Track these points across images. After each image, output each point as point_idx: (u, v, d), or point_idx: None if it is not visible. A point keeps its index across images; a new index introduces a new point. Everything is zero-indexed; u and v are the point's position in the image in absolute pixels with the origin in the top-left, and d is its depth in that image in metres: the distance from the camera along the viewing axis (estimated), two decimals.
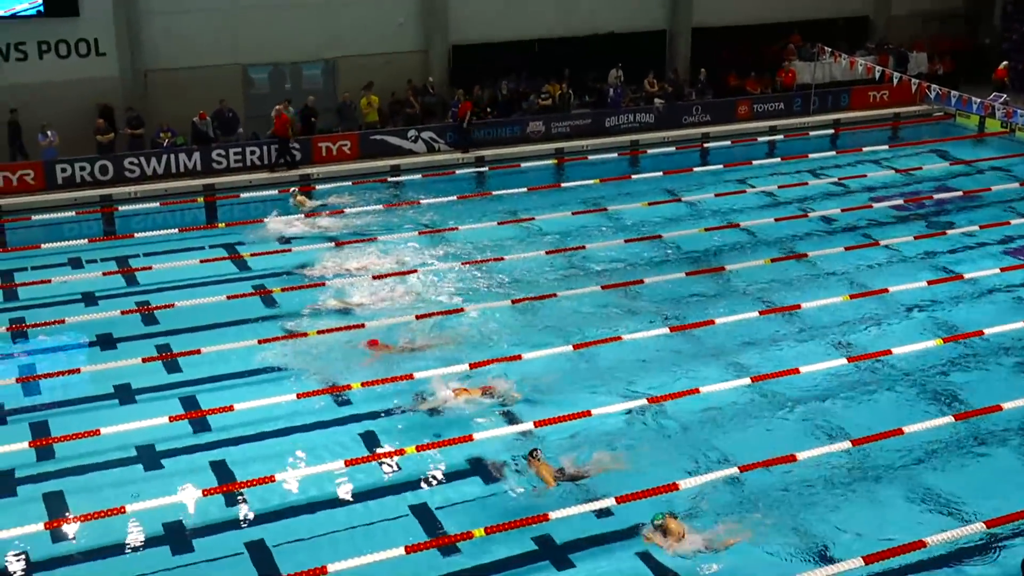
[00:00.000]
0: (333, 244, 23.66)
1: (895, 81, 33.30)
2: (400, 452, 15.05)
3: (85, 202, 26.63)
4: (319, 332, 18.82)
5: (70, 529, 13.55)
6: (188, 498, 14.20)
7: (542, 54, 33.88)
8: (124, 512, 13.57)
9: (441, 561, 12.87)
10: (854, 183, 28.47)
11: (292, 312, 19.95)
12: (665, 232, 24.47)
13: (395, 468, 14.90)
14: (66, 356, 18.51)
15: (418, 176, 28.98)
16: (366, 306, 20.15)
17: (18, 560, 12.95)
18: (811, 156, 30.77)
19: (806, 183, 28.53)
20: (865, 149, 31.37)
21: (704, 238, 24.18)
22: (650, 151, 31.45)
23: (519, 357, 17.74)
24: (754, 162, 30.41)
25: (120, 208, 26.50)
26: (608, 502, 13.70)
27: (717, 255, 23.17)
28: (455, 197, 27.03)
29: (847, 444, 15.18)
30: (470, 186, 28.85)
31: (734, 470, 14.45)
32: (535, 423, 15.65)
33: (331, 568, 12.32)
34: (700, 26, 35.73)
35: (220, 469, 14.89)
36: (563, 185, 28.54)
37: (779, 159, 30.99)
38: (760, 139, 32.70)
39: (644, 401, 16.42)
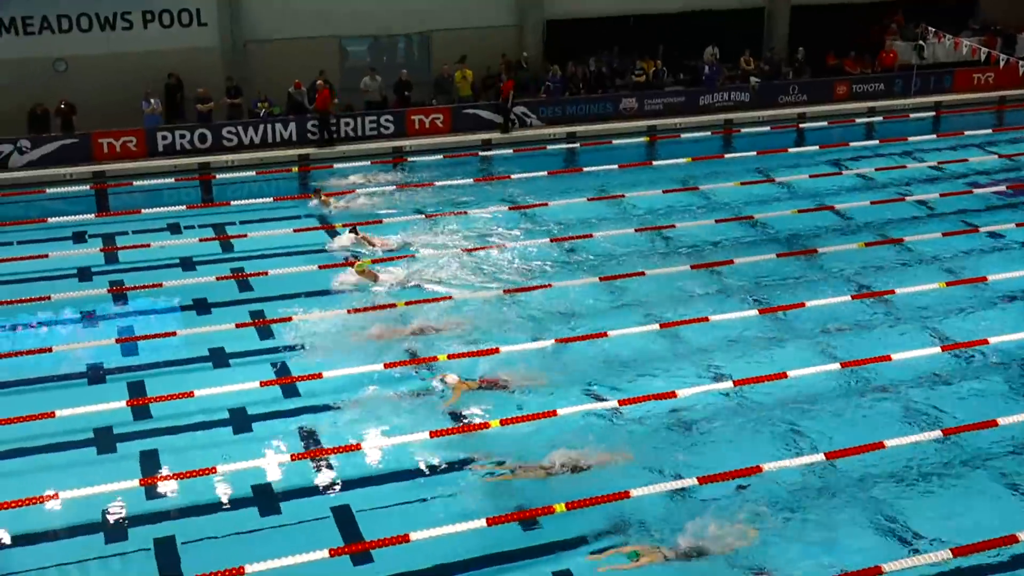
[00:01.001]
0: (423, 216, 23.87)
1: (1002, 63, 32.29)
2: (485, 426, 15.15)
3: (184, 169, 27.24)
4: (407, 303, 19.02)
5: (164, 486, 13.94)
6: (276, 462, 14.50)
7: (637, 30, 33.62)
8: (215, 472, 13.92)
9: (522, 535, 12.95)
10: (955, 167, 27.77)
11: (380, 283, 20.16)
12: (757, 213, 24.18)
13: (478, 441, 14.99)
14: (163, 319, 19.03)
15: (509, 151, 29.03)
16: (454, 279, 20.31)
17: (114, 514, 13.38)
18: (910, 139, 30.14)
19: (904, 166, 27.94)
20: (967, 133, 30.58)
21: (797, 220, 23.83)
22: (744, 130, 31.08)
23: (605, 335, 17.72)
24: (851, 144, 29.86)
25: (217, 176, 27.05)
26: (690, 481, 13.65)
27: (810, 237, 22.81)
28: (545, 173, 27.03)
29: (938, 433, 14.89)
30: (560, 162, 28.82)
31: (820, 456, 14.28)
32: (619, 401, 15.64)
33: (414, 536, 12.47)
34: (800, 4, 35.10)
35: (308, 435, 15.17)
36: (654, 163, 28.35)
37: (877, 141, 30.41)
38: (858, 120, 32.08)
39: (730, 383, 16.29)
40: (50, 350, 17.48)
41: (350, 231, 22.02)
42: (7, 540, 12.95)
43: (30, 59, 27.93)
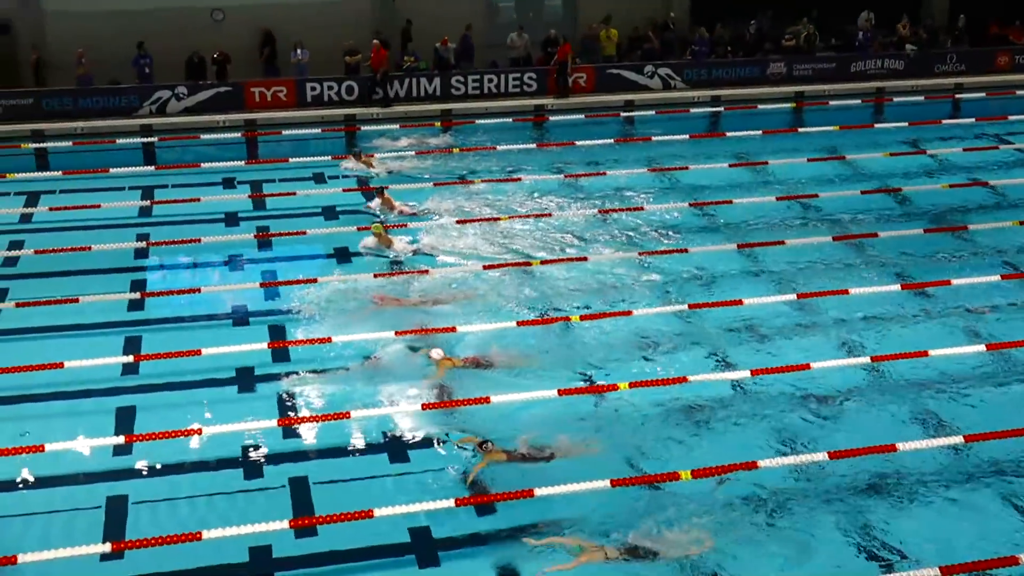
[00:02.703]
0: (563, 176, 23.87)
1: None
2: (614, 388, 15.14)
3: (330, 120, 27.80)
4: (542, 263, 19.11)
5: (299, 429, 14.40)
6: (407, 411, 14.75)
7: None
8: (349, 417, 14.30)
9: (645, 493, 12.90)
10: None
11: (520, 240, 20.26)
12: (905, 185, 23.45)
13: (608, 403, 14.99)
14: (305, 266, 19.54)
15: (651, 112, 28.75)
16: (589, 240, 20.31)
17: (252, 451, 13.88)
18: None
19: None
20: None
21: (947, 194, 23.02)
22: (896, 100, 30.06)
23: (740, 302, 17.48)
24: (1010, 117, 28.57)
25: (362, 128, 27.51)
26: (819, 456, 13.42)
27: (960, 213, 22.02)
28: (687, 136, 26.71)
29: None
30: (703, 126, 28.41)
31: (959, 439, 13.87)
32: (751, 371, 15.45)
33: (538, 492, 12.60)
34: None
35: (440, 386, 15.33)
36: (800, 130, 27.71)
37: None
38: (1019, 92, 30.63)
39: (867, 359, 15.90)
40: (199, 291, 18.21)
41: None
42: (151, 470, 13.56)
43: (189, 8, 28.89)
